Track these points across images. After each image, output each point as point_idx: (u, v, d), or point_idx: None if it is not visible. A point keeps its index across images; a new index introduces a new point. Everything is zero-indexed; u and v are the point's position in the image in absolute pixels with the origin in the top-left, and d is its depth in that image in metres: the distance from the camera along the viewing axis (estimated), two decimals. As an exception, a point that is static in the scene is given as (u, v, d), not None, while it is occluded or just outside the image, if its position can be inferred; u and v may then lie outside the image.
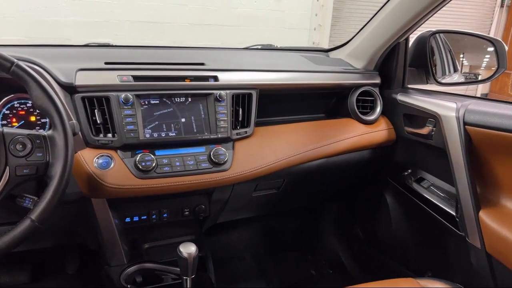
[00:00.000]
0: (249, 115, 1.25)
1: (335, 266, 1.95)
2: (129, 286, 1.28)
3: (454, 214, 1.26)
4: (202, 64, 1.26)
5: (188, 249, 1.06)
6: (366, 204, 1.82)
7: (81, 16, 3.66)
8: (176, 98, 1.15)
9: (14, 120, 1.12)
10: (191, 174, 1.13)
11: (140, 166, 1.07)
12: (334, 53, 1.67)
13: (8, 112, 1.11)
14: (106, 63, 1.15)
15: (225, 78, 1.22)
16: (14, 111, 1.12)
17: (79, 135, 1.04)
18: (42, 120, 1.14)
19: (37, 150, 0.84)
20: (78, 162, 1.03)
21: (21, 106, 1.12)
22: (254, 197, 1.45)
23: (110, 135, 1.08)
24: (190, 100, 1.17)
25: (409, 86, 1.50)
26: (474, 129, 1.12)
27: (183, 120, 1.15)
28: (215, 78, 1.21)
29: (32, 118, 1.13)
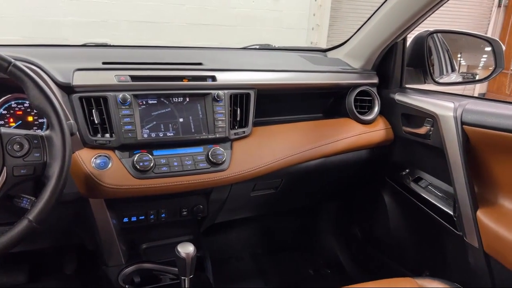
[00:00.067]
0: (247, 115, 1.25)
1: (333, 266, 1.95)
2: (127, 286, 1.28)
3: (452, 213, 1.26)
4: (200, 64, 1.26)
5: (186, 249, 1.06)
6: (364, 203, 1.82)
7: (78, 16, 3.65)
8: (174, 98, 1.15)
9: (12, 120, 1.11)
10: (189, 174, 1.13)
11: (138, 166, 1.06)
12: (332, 53, 1.67)
13: (5, 112, 1.11)
14: (103, 63, 1.14)
15: (223, 78, 1.22)
16: (11, 111, 1.11)
17: (77, 135, 1.04)
18: (40, 120, 1.14)
19: (34, 150, 0.84)
20: (75, 162, 1.03)
21: (18, 106, 1.12)
22: (252, 197, 1.45)
23: (108, 135, 1.08)
24: (188, 100, 1.17)
25: (407, 86, 1.50)
26: (472, 128, 1.12)
27: (181, 120, 1.15)
28: (213, 78, 1.20)
29: (29, 118, 1.13)
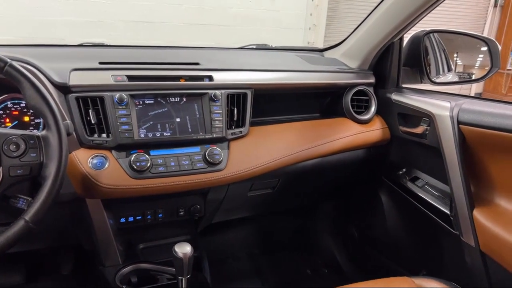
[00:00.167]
0: (244, 115, 1.25)
1: (331, 266, 1.95)
2: (124, 287, 1.27)
3: (448, 212, 1.27)
4: (197, 63, 1.26)
5: (183, 249, 1.06)
6: (361, 203, 1.82)
7: (75, 16, 3.64)
8: (170, 98, 1.15)
9: (8, 120, 1.11)
10: (186, 174, 1.13)
11: (134, 166, 1.06)
12: (329, 52, 1.67)
13: (1, 112, 1.10)
14: (100, 63, 1.14)
15: (220, 77, 1.22)
16: (7, 111, 1.11)
17: (73, 135, 1.04)
18: (36, 120, 1.14)
19: (31, 150, 0.84)
20: (72, 162, 1.02)
21: (14, 106, 1.11)
22: (250, 196, 1.45)
23: (104, 135, 1.07)
24: (185, 100, 1.16)
25: (403, 85, 1.51)
26: (468, 128, 1.12)
27: (178, 120, 1.15)
28: (210, 78, 1.20)
29: (25, 119, 1.13)
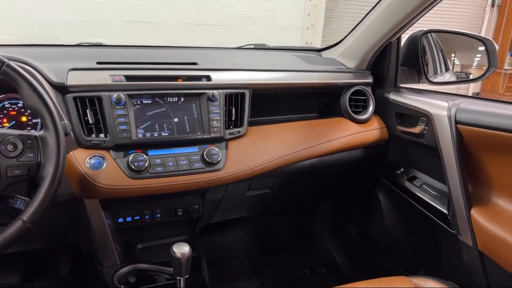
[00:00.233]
0: (242, 115, 1.25)
1: (329, 265, 1.95)
2: (122, 287, 1.27)
3: (446, 212, 1.27)
4: (195, 63, 1.26)
5: (181, 249, 1.05)
6: (359, 203, 1.82)
7: (73, 15, 3.64)
8: (168, 98, 1.15)
9: (5, 120, 1.11)
10: (184, 174, 1.12)
11: (132, 166, 1.06)
12: (327, 52, 1.67)
13: (-2, 112, 1.10)
14: (98, 63, 1.14)
15: (218, 77, 1.22)
16: (5, 112, 1.11)
17: (71, 136, 1.03)
18: (34, 120, 1.13)
19: (28, 150, 0.83)
20: (70, 162, 1.02)
21: (12, 107, 1.11)
22: (248, 196, 1.45)
23: (102, 135, 1.07)
24: (182, 99, 1.16)
25: (401, 85, 1.51)
26: (466, 127, 1.12)
27: (176, 120, 1.15)
28: (208, 78, 1.20)
29: (23, 119, 1.12)
